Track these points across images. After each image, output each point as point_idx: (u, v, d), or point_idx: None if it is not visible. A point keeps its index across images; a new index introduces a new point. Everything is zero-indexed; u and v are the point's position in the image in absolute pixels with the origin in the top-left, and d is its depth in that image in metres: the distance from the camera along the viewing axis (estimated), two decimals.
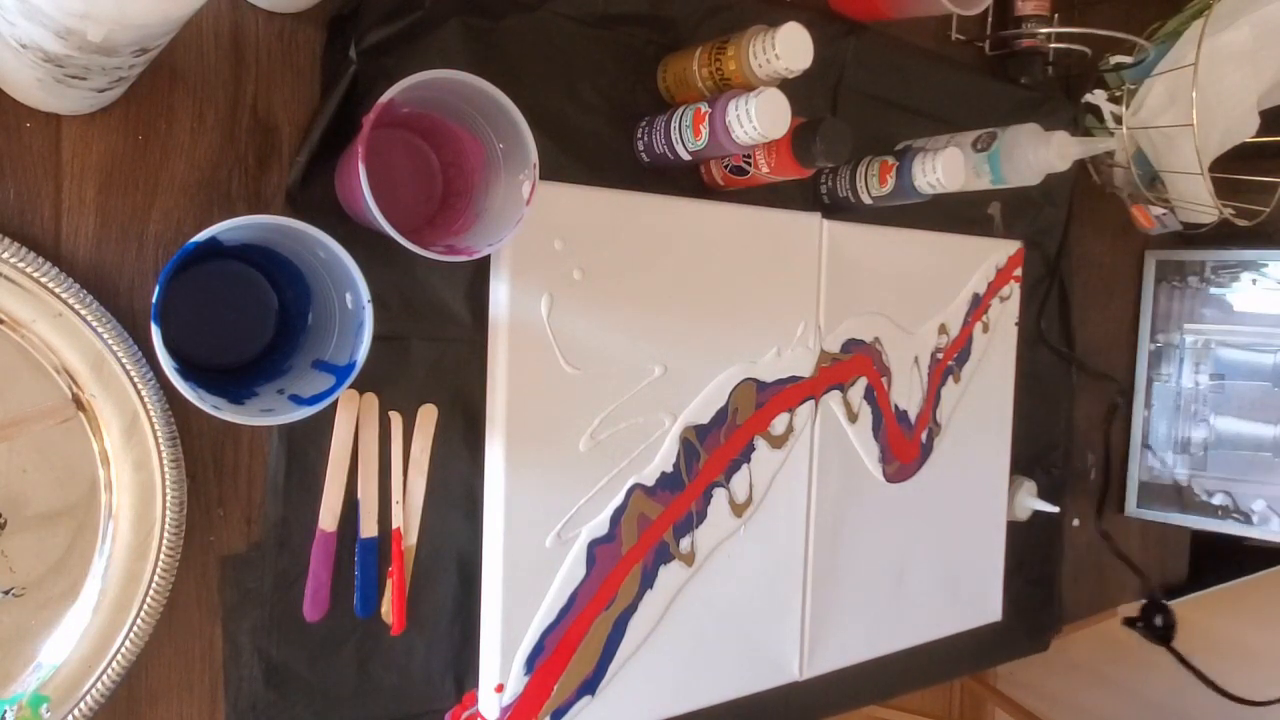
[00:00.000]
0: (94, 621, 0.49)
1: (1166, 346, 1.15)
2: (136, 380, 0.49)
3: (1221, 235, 1.10)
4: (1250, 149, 1.01)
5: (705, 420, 0.70)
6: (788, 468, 0.76)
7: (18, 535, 0.47)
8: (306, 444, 0.55)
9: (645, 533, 0.68)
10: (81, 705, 0.49)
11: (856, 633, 0.83)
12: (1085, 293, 1.08)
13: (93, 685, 0.49)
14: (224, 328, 0.54)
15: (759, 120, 0.57)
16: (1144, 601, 1.28)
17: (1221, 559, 1.30)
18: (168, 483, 0.50)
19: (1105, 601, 1.18)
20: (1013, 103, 0.93)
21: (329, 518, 0.56)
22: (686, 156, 0.63)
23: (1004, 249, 0.92)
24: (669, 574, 0.69)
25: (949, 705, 2.01)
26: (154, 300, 0.43)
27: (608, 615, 0.66)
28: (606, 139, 0.66)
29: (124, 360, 0.48)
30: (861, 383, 0.81)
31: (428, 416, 0.59)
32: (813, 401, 0.77)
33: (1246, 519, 1.09)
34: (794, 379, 0.75)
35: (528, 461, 0.62)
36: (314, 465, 0.56)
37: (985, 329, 0.91)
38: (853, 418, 0.80)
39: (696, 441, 0.70)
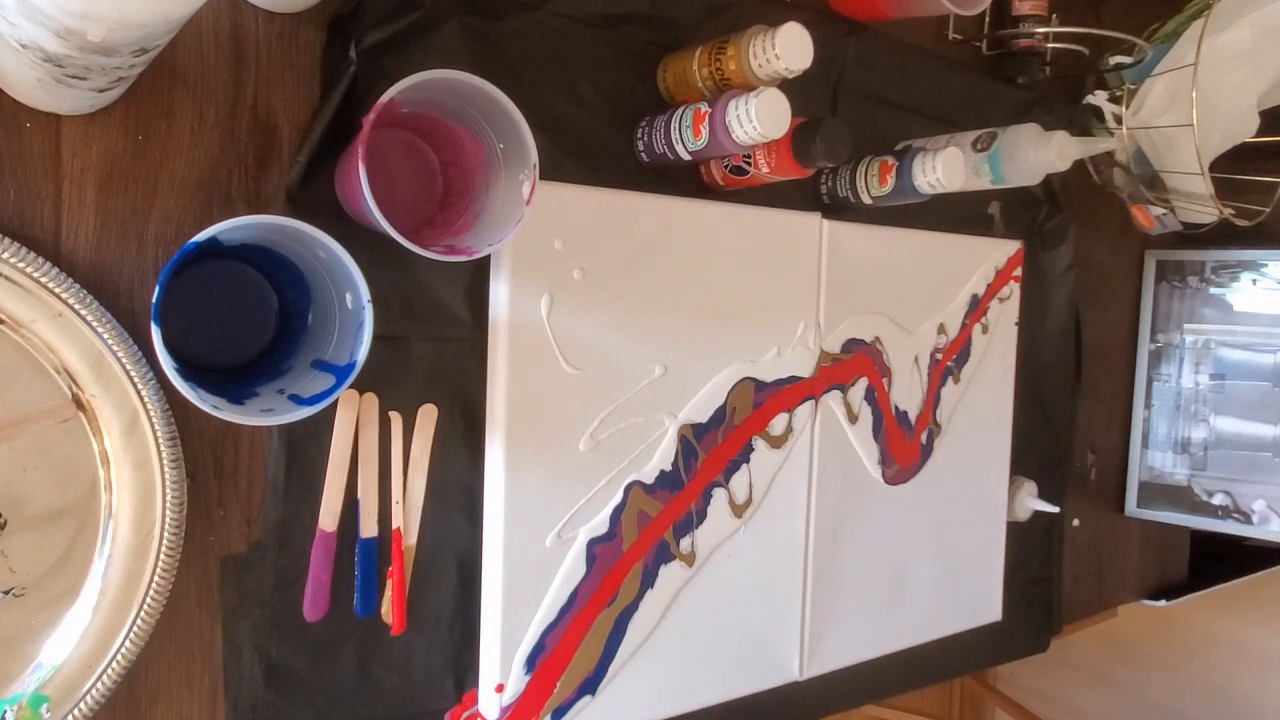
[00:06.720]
0: (94, 621, 0.49)
1: (1166, 346, 1.15)
2: (136, 380, 0.49)
3: (1221, 235, 1.10)
4: (1250, 149, 1.01)
5: (703, 419, 0.70)
6: (787, 469, 0.76)
7: (18, 535, 0.47)
8: (306, 444, 0.55)
9: (645, 531, 0.68)
10: (81, 705, 0.49)
11: (856, 633, 0.83)
12: (1085, 293, 1.08)
13: (93, 685, 0.49)
14: (224, 328, 0.54)
15: (759, 120, 0.57)
16: None
17: (1221, 559, 1.30)
18: (168, 483, 0.50)
19: (1105, 601, 1.18)
20: (1012, 103, 0.93)
21: (329, 518, 0.56)
22: (686, 156, 0.63)
23: (1004, 249, 0.92)
24: (669, 574, 0.69)
25: (949, 705, 2.01)
26: (154, 300, 0.43)
27: (608, 614, 0.66)
28: (606, 139, 0.66)
29: (124, 360, 0.48)
30: (862, 383, 0.81)
31: (428, 416, 0.59)
32: (812, 402, 0.77)
33: (1246, 519, 1.09)
34: (793, 379, 0.75)
35: (528, 461, 0.62)
36: (314, 465, 0.56)
37: (985, 330, 0.91)
38: (853, 418, 0.80)
39: (694, 440, 0.70)
